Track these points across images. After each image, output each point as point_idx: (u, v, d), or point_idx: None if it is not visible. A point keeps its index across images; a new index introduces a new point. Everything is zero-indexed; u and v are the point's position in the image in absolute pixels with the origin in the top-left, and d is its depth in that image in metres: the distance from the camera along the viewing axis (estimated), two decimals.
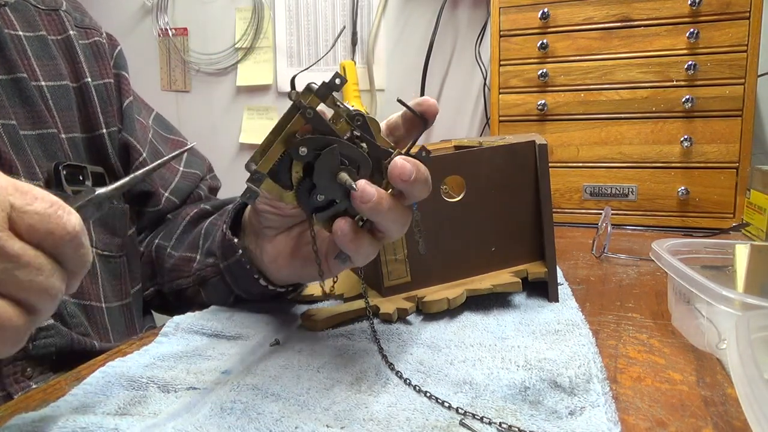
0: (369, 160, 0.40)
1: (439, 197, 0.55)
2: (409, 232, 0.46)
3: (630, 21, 0.97)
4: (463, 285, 0.56)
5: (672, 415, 0.36)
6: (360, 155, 0.40)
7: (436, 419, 0.35)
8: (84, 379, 0.41)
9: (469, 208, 0.56)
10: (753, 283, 0.56)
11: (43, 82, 0.58)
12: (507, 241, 0.58)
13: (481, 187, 0.56)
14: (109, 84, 0.66)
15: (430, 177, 0.41)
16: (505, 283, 0.55)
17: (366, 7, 1.54)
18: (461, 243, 0.56)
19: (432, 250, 0.55)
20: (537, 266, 0.58)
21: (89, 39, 0.66)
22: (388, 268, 0.54)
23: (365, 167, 0.40)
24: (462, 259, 0.57)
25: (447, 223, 0.55)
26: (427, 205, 0.52)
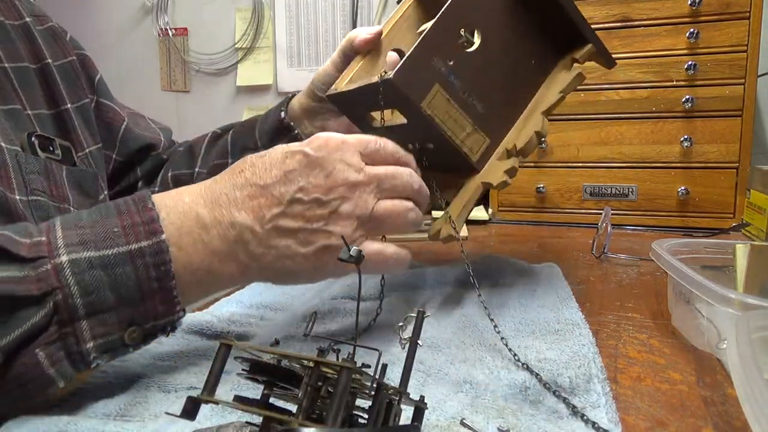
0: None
1: (463, 54, 0.53)
2: (459, 102, 0.52)
3: (630, 21, 0.97)
4: (533, 111, 0.56)
5: (672, 415, 0.36)
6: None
7: (436, 419, 0.35)
8: (84, 379, 0.41)
9: (493, 42, 0.54)
10: (753, 283, 0.56)
11: (6, 64, 0.61)
12: (540, 47, 0.57)
13: (488, 17, 0.54)
14: (72, 62, 0.70)
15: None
16: (568, 82, 0.55)
17: (366, 7, 1.54)
18: (504, 78, 0.56)
19: (487, 101, 0.54)
20: (579, 51, 0.58)
21: (44, 25, 0.70)
22: (468, 145, 0.54)
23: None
24: (514, 90, 0.56)
25: (481, 71, 0.54)
26: (459, 66, 0.52)
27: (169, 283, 0.37)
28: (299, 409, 0.25)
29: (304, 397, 0.25)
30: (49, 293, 0.34)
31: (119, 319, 0.36)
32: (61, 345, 0.35)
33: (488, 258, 0.71)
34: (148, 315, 0.37)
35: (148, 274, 0.36)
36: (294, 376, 0.27)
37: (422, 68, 0.51)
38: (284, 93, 1.65)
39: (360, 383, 0.26)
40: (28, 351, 0.34)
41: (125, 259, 0.36)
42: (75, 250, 0.35)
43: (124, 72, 1.74)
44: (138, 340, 0.38)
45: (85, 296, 0.35)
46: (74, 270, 0.35)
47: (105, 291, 0.35)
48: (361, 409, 0.28)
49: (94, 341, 0.35)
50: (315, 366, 0.25)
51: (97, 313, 0.35)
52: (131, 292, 0.36)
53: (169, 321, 0.39)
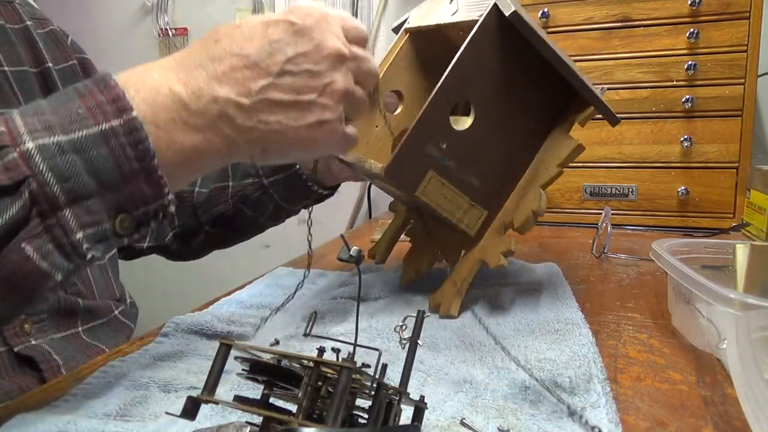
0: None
1: (456, 135, 0.51)
2: (454, 180, 0.51)
3: (630, 21, 0.97)
4: (531, 182, 0.54)
5: (672, 415, 0.36)
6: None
7: (437, 419, 0.35)
8: (84, 379, 0.41)
9: (487, 114, 0.52)
10: (753, 283, 0.56)
11: (6, 68, 0.61)
12: (538, 110, 0.55)
13: (481, 91, 0.52)
14: (73, 66, 0.70)
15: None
16: (567, 155, 0.54)
17: (366, 7, 1.54)
18: (501, 148, 0.54)
19: (483, 175, 0.53)
20: (580, 114, 0.56)
21: (45, 28, 0.70)
22: (465, 222, 0.53)
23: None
24: (512, 157, 0.55)
25: (476, 146, 0.53)
26: (452, 147, 0.51)
27: (151, 162, 0.34)
28: (299, 409, 0.25)
29: (304, 397, 0.25)
30: (21, 182, 0.31)
31: (106, 206, 0.34)
32: (49, 237, 0.32)
33: None
34: (136, 199, 0.35)
35: (126, 154, 0.34)
36: (294, 376, 0.27)
37: (415, 158, 0.50)
38: None
39: (360, 383, 0.26)
40: (13, 246, 0.32)
41: (98, 141, 0.33)
42: (40, 136, 0.32)
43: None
44: (131, 229, 0.35)
45: (63, 182, 0.32)
46: (44, 156, 0.32)
47: (83, 176, 0.33)
48: (361, 409, 0.28)
49: (83, 231, 0.33)
50: (315, 366, 0.25)
51: (80, 200, 0.33)
52: (111, 175, 0.33)
53: (160, 206, 0.36)
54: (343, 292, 0.61)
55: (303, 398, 0.25)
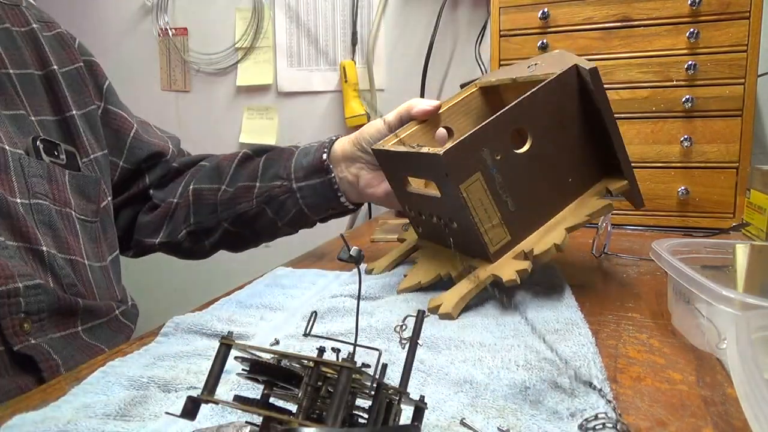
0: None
1: (511, 152, 0.56)
2: (494, 193, 0.55)
3: (630, 21, 0.97)
4: (558, 224, 0.58)
5: (672, 415, 0.36)
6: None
7: (437, 419, 0.35)
8: (84, 379, 0.41)
9: (539, 150, 0.57)
10: (753, 283, 0.56)
11: (11, 70, 0.62)
12: (580, 168, 0.60)
13: (543, 127, 0.57)
14: (80, 68, 0.71)
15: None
16: (597, 209, 0.57)
17: (366, 7, 1.54)
18: (540, 186, 0.58)
19: (519, 202, 0.56)
20: (613, 181, 0.60)
21: (51, 31, 0.71)
22: (489, 236, 0.56)
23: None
24: (546, 200, 0.58)
25: (523, 172, 0.57)
26: (504, 163, 0.55)
27: None
28: (299, 409, 0.25)
29: (304, 397, 0.25)
30: None
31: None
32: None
33: None
34: None
35: None
36: (294, 376, 0.27)
37: (471, 154, 0.54)
38: (284, 93, 1.65)
39: (360, 383, 0.26)
40: None
41: None
42: None
43: (124, 72, 1.74)
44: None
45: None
46: None
47: None
48: (361, 409, 0.28)
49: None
50: (315, 366, 0.25)
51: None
52: None
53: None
54: (343, 292, 0.61)
55: (303, 398, 0.25)
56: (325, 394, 0.26)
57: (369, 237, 0.93)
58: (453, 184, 0.53)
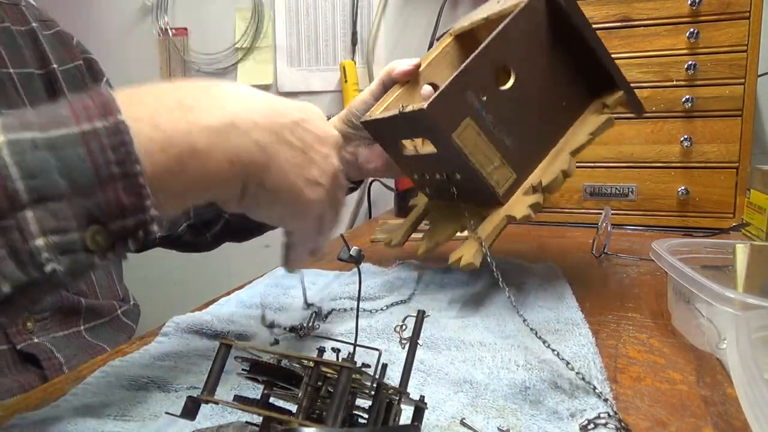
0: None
1: (496, 91, 0.55)
2: (490, 135, 0.54)
3: (630, 21, 0.97)
4: (561, 150, 0.57)
5: (672, 415, 0.36)
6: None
7: (437, 419, 0.35)
8: (84, 379, 0.41)
9: (525, 82, 0.56)
10: (753, 283, 0.56)
11: (12, 69, 0.62)
12: (571, 90, 0.59)
13: (522, 58, 0.56)
14: (79, 65, 0.71)
15: None
16: (598, 125, 0.56)
17: (366, 7, 1.54)
18: (535, 116, 0.57)
19: (517, 138, 0.56)
20: (609, 96, 0.59)
21: (51, 29, 0.71)
22: (494, 178, 0.55)
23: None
24: (544, 129, 0.58)
25: (513, 107, 0.56)
26: (491, 102, 0.54)
27: (133, 167, 0.30)
28: (299, 409, 0.25)
29: (304, 397, 0.25)
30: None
31: (75, 213, 0.29)
32: (3, 242, 0.27)
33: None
34: (111, 208, 0.30)
35: (106, 157, 0.30)
36: (294, 376, 0.27)
37: (455, 101, 0.53)
38: (284, 93, 1.65)
39: (360, 383, 0.26)
40: None
41: (76, 140, 0.29)
42: (15, 131, 0.29)
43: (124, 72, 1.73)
44: (103, 246, 0.30)
45: (29, 179, 0.28)
46: (13, 149, 0.28)
47: (53, 174, 0.28)
48: (361, 409, 0.28)
49: (45, 237, 0.28)
50: (315, 366, 0.25)
51: (45, 200, 0.28)
52: (86, 177, 0.29)
53: (140, 222, 0.31)
54: (343, 292, 0.61)
55: (303, 398, 0.25)
56: (325, 394, 0.26)
57: (369, 237, 0.93)
58: (445, 136, 0.53)
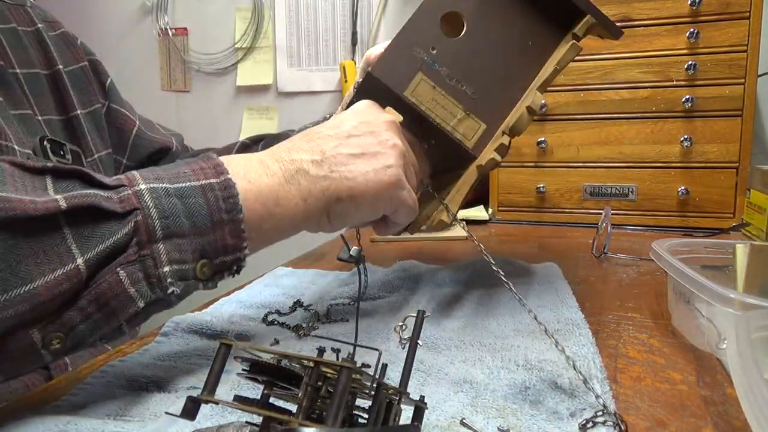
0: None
1: (446, 41, 0.53)
2: (447, 88, 0.52)
3: (630, 21, 0.97)
4: (532, 90, 0.55)
5: (672, 415, 0.36)
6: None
7: (437, 419, 0.35)
8: (84, 379, 0.41)
9: (481, 27, 0.54)
10: (753, 283, 0.56)
11: (18, 70, 0.62)
12: (536, 27, 0.56)
13: (473, 3, 0.53)
14: (84, 67, 0.72)
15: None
16: (563, 55, 0.54)
17: (366, 7, 1.54)
18: (497, 62, 0.55)
19: (479, 86, 0.54)
20: (578, 25, 0.56)
21: (56, 30, 0.71)
22: (460, 131, 0.53)
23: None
24: (511, 72, 0.55)
25: (470, 55, 0.54)
26: (443, 53, 0.52)
27: (238, 216, 0.39)
28: (299, 409, 0.25)
29: (304, 397, 0.25)
30: (130, 212, 0.35)
31: (192, 248, 0.38)
32: (141, 267, 0.36)
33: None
34: (218, 247, 0.39)
35: (218, 205, 0.39)
36: (294, 376, 0.27)
37: (402, 58, 0.51)
38: (284, 93, 1.65)
39: (360, 383, 0.26)
40: (110, 268, 0.35)
41: (197, 192, 0.38)
42: (152, 182, 0.37)
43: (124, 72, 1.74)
44: (208, 275, 0.39)
45: (163, 219, 0.36)
46: (153, 195, 0.37)
47: (180, 217, 0.37)
48: (361, 409, 0.28)
49: (171, 266, 0.37)
50: (315, 366, 0.25)
51: (173, 237, 0.37)
52: (203, 221, 0.38)
53: (236, 259, 0.40)
54: (343, 292, 0.61)
55: (303, 398, 0.25)
56: (325, 394, 0.26)
57: (369, 237, 0.93)
58: (395, 94, 0.51)
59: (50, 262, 0.33)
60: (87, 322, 0.35)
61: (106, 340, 0.37)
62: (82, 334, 0.35)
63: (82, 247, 0.34)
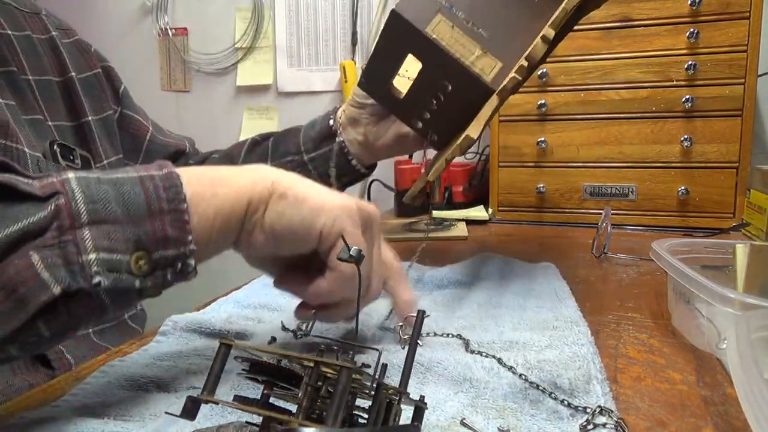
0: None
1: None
2: (464, 28, 0.56)
3: (630, 21, 0.97)
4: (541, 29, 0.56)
5: (672, 415, 0.36)
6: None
7: (437, 419, 0.35)
8: (84, 379, 0.41)
9: None
10: (753, 283, 0.56)
11: (30, 76, 0.63)
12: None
13: None
14: (98, 74, 0.72)
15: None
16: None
17: (366, 7, 1.54)
18: (512, 7, 0.57)
19: (494, 29, 0.57)
20: None
21: (70, 38, 0.72)
22: (478, 66, 0.56)
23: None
24: (524, 16, 0.58)
25: (489, 1, 0.57)
26: (462, 1, 0.56)
27: (180, 205, 0.35)
28: (299, 409, 0.25)
29: (304, 397, 0.25)
30: (51, 196, 0.32)
31: (125, 237, 0.34)
32: (60, 252, 0.32)
33: (486, 257, 0.71)
34: (157, 238, 0.34)
35: (158, 194, 0.35)
36: (294, 376, 0.27)
37: (423, 1, 0.55)
38: (284, 93, 1.65)
39: (360, 383, 0.26)
40: (21, 252, 0.31)
41: (134, 181, 0.35)
42: (83, 173, 0.35)
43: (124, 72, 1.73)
44: (145, 271, 0.34)
45: (90, 204, 0.33)
46: (80, 182, 0.33)
47: (111, 203, 0.33)
48: (361, 409, 0.28)
49: (97, 253, 0.32)
50: (315, 366, 0.25)
51: (101, 223, 0.33)
52: (138, 208, 0.34)
53: (180, 254, 0.35)
54: None
55: (303, 398, 0.25)
56: (325, 394, 0.26)
57: None
58: (418, 30, 0.54)
59: None
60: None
61: (26, 345, 0.33)
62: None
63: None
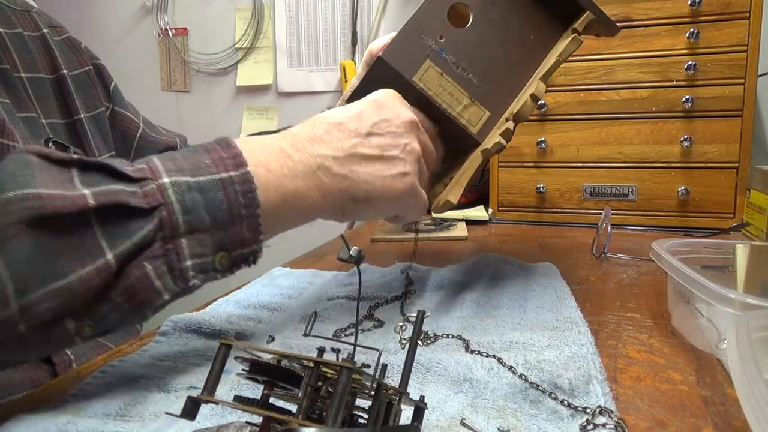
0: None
1: (453, 30, 0.55)
2: (454, 75, 0.54)
3: (630, 21, 0.97)
4: (535, 80, 0.57)
5: (672, 415, 0.36)
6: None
7: (437, 419, 0.35)
8: (84, 379, 0.41)
9: (486, 20, 0.56)
10: (753, 283, 0.56)
11: (23, 74, 0.63)
12: (538, 21, 0.58)
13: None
14: (89, 71, 0.72)
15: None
16: (564, 47, 0.56)
17: (366, 7, 1.54)
18: (501, 52, 0.57)
19: (484, 76, 0.56)
20: (578, 20, 0.58)
21: (61, 36, 0.72)
22: (465, 117, 0.55)
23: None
24: (514, 63, 0.57)
25: (476, 45, 0.56)
26: (450, 43, 0.55)
27: (255, 210, 0.41)
28: (299, 409, 0.25)
29: (304, 397, 0.25)
30: (155, 208, 0.37)
31: (212, 242, 0.39)
32: (165, 260, 0.37)
33: (486, 257, 0.71)
34: (236, 240, 0.40)
35: (238, 200, 0.40)
36: (294, 376, 0.27)
37: (412, 45, 0.53)
38: (284, 93, 1.65)
39: (360, 383, 0.26)
40: (137, 263, 0.36)
41: (218, 186, 0.39)
42: (174, 175, 0.39)
43: (125, 72, 1.74)
44: (226, 267, 0.40)
45: (185, 215, 0.38)
46: (176, 190, 0.38)
47: (202, 212, 0.38)
48: (361, 409, 0.28)
49: (192, 260, 0.38)
50: (315, 366, 0.25)
51: (195, 232, 0.38)
52: (223, 216, 0.39)
53: (252, 251, 0.41)
54: (342, 292, 0.61)
55: (303, 398, 0.25)
56: (325, 394, 0.26)
57: (369, 237, 0.93)
58: (405, 79, 0.53)
59: (82, 258, 0.35)
60: (117, 312, 0.37)
61: (132, 324, 0.39)
62: (111, 323, 0.37)
63: (111, 242, 0.35)
